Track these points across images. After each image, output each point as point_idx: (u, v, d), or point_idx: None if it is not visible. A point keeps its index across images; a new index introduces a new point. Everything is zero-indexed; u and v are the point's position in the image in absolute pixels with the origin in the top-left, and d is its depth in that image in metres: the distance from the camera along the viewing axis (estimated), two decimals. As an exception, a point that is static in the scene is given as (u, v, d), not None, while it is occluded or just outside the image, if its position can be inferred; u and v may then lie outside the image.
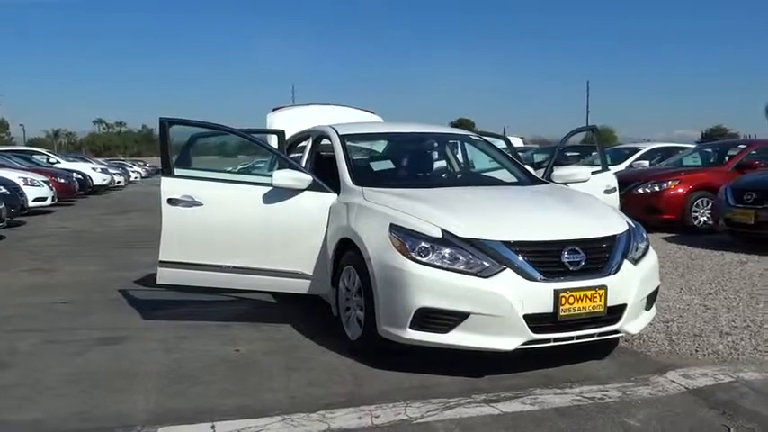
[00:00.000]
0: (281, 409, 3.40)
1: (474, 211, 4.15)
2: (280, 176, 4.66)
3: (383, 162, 5.44)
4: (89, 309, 5.71)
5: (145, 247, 9.83)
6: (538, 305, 3.68)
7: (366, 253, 4.02)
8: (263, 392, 3.69)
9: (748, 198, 8.48)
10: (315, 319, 5.19)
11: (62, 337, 4.80)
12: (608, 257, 3.92)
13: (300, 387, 3.76)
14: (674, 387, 3.66)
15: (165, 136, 4.92)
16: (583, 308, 3.75)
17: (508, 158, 5.66)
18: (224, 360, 4.27)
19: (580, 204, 4.47)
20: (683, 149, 13.91)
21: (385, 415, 3.31)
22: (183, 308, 5.68)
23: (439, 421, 3.23)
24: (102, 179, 27.99)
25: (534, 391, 3.62)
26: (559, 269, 3.78)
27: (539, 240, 3.84)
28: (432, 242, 3.80)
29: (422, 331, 3.76)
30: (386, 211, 4.15)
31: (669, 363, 4.09)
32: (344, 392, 3.67)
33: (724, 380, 3.73)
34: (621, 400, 3.50)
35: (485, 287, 3.66)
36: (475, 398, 3.53)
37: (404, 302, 3.77)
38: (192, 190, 4.80)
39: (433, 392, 3.62)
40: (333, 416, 3.31)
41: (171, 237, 4.80)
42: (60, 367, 4.12)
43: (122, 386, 3.78)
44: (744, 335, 4.60)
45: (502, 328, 3.67)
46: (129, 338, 4.77)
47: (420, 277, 3.72)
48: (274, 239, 4.77)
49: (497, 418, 3.28)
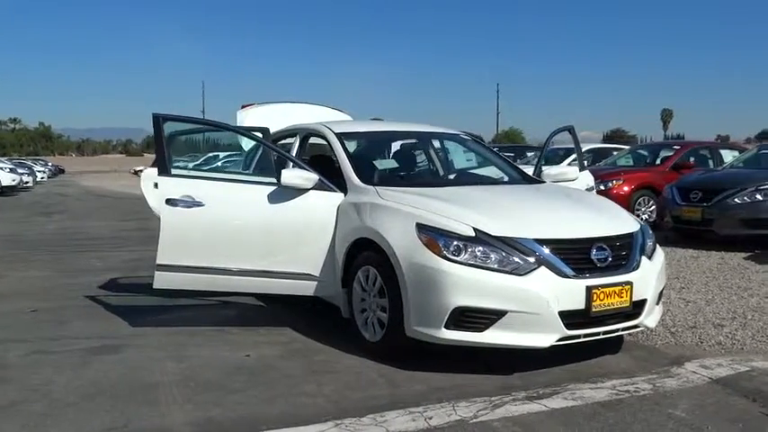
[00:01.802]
0: (329, 414, 3.30)
1: (499, 209, 4.17)
2: (288, 175, 4.53)
3: (387, 161, 5.38)
4: (65, 317, 5.36)
5: (89, 250, 9.42)
6: (571, 302, 3.74)
7: (392, 253, 3.97)
8: (300, 398, 3.57)
9: (694, 196, 8.95)
10: (312, 321, 5.10)
11: (53, 348, 4.48)
12: (629, 254, 4.04)
13: (336, 391, 3.66)
14: (698, 378, 3.81)
15: (159, 133, 4.69)
16: (611, 303, 3.85)
17: (501, 158, 5.72)
18: (239, 366, 4.10)
19: (594, 203, 4.59)
20: (616, 150, 14.51)
21: (438, 416, 3.27)
22: (169, 313, 5.43)
23: (495, 420, 3.23)
24: (11, 179, 26.46)
25: (569, 387, 3.68)
26: (588, 266, 3.86)
27: (569, 238, 3.91)
28: (465, 241, 3.79)
29: (458, 331, 3.75)
30: (409, 210, 4.10)
31: (679, 354, 4.25)
32: (383, 395, 3.60)
33: (741, 369, 3.92)
34: (656, 392, 3.60)
35: (521, 285, 3.69)
36: (516, 395, 3.55)
37: (439, 302, 3.74)
38: (192, 190, 4.60)
39: (471, 391, 3.61)
40: (385, 419, 3.25)
41: (170, 239, 4.57)
42: (67, 380, 3.85)
43: (148, 398, 3.57)
44: (735, 326, 4.84)
45: (538, 325, 3.71)
46: (125, 347, 4.51)
47: (456, 276, 3.71)
48: (280, 240, 4.63)
49: (549, 414, 3.30)
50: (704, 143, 13.40)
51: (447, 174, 5.67)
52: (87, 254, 9.03)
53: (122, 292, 6.36)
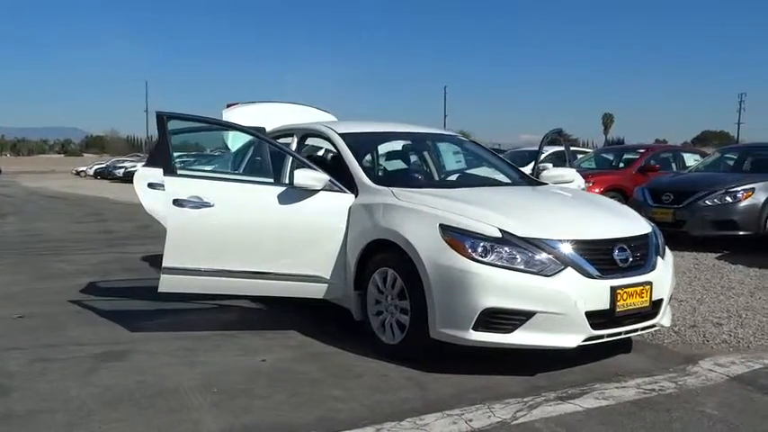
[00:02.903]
0: (366, 419, 3.25)
1: (520, 210, 4.18)
2: (302, 176, 4.45)
3: (395, 162, 5.34)
4: (57, 323, 5.13)
5: (54, 253, 9.10)
6: (597, 302, 3.78)
7: (416, 254, 3.93)
8: (330, 402, 3.50)
9: (666, 198, 9.22)
10: (316, 323, 5.01)
11: (54, 355, 4.28)
12: (646, 254, 4.10)
13: (365, 395, 3.60)
14: (716, 376, 3.89)
15: (164, 131, 4.54)
16: (633, 303, 3.90)
17: (502, 160, 5.75)
18: (257, 371, 4.00)
19: (607, 204, 4.65)
20: (581, 154, 14.81)
21: (477, 419, 3.26)
22: (166, 318, 5.26)
23: (536, 421, 3.23)
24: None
25: (595, 386, 3.72)
26: (611, 266, 3.90)
27: (593, 239, 3.95)
28: (491, 242, 3.79)
29: (486, 332, 3.74)
30: (430, 211, 4.08)
31: (691, 353, 4.35)
32: (414, 397, 3.57)
33: (755, 367, 4.03)
34: (680, 390, 3.67)
35: (550, 285, 3.71)
36: (546, 395, 3.57)
37: (467, 303, 3.72)
38: (201, 191, 4.47)
39: (501, 392, 3.61)
40: (425, 422, 3.22)
41: (177, 241, 4.43)
42: (80, 388, 3.68)
43: (172, 404, 3.44)
44: (733, 324, 4.98)
45: (565, 325, 3.73)
46: (131, 353, 4.35)
47: (485, 277, 3.70)
48: (291, 242, 4.55)
49: (587, 414, 3.33)
50: (668, 147, 13.81)
51: (455, 175, 5.66)
52: (53, 257, 8.69)
53: (108, 296, 6.15)
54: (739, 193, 8.75)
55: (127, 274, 7.33)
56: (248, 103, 7.02)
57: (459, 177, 5.61)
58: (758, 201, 8.68)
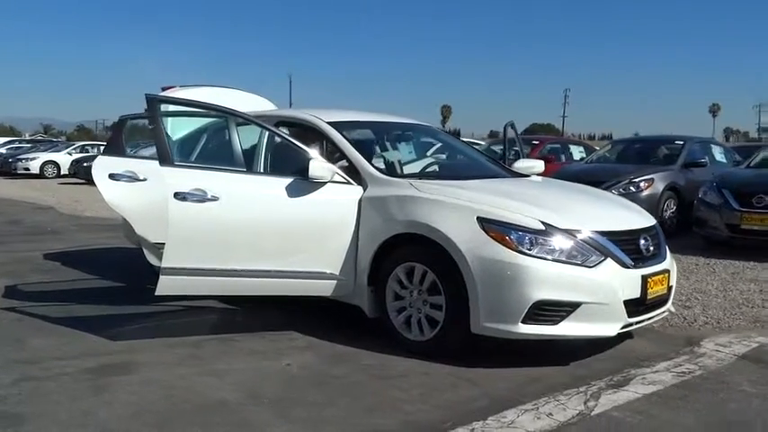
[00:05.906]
0: (449, 420, 3.14)
1: (551, 202, 4.21)
2: (316, 167, 4.19)
3: (392, 153, 5.14)
4: (15, 333, 4.47)
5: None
6: (632, 291, 3.91)
7: (455, 248, 3.83)
8: (400, 405, 3.33)
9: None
10: (309, 322, 4.74)
11: (37, 373, 3.69)
12: (659, 244, 4.30)
13: (426, 396, 3.46)
14: (725, 356, 4.17)
15: (155, 117, 4.10)
16: (657, 291, 4.09)
17: (477, 151, 5.77)
18: (291, 376, 3.74)
19: (613, 198, 4.83)
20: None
21: (555, 412, 3.25)
22: (136, 323, 4.75)
23: (611, 410, 3.28)
24: None
25: (632, 372, 3.84)
26: (639, 256, 4.05)
27: (624, 230, 4.08)
28: (536, 234, 3.79)
29: (534, 324, 3.74)
30: (464, 203, 3.99)
31: (688, 335, 4.61)
32: (477, 395, 3.49)
33: (752, 345, 4.37)
34: (706, 370, 3.89)
35: (594, 276, 3.78)
36: (599, 384, 3.63)
37: (517, 297, 3.70)
38: (205, 183, 4.08)
39: (552, 384, 3.62)
40: (508, 419, 3.16)
41: (180, 238, 4.03)
42: (104, 409, 3.22)
43: (233, 419, 3.12)
44: (699, 306, 5.37)
45: (607, 315, 3.83)
46: (132, 364, 3.88)
47: (535, 270, 3.70)
48: (300, 237, 4.28)
49: (648, 400, 3.43)
50: (557, 139, 14.62)
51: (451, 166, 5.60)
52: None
53: (41, 301, 5.38)
54: (641, 183, 9.45)
55: (42, 276, 6.52)
56: (186, 86, 6.50)
57: (461, 169, 5.52)
58: (657, 190, 9.43)
